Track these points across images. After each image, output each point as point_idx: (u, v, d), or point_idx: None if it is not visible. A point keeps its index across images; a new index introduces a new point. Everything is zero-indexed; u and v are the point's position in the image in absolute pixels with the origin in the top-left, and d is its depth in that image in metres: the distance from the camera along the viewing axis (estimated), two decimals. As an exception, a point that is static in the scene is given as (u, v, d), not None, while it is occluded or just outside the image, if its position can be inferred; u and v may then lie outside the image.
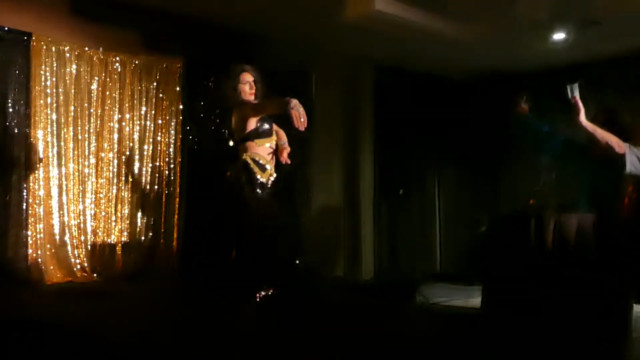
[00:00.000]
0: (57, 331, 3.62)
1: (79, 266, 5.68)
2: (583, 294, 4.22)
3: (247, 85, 4.20)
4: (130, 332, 3.68)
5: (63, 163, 5.71)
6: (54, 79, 5.67)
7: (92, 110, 5.93)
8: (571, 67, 7.52)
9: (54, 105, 5.68)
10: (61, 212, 5.67)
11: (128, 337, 3.56)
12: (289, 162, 4.37)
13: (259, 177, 4.16)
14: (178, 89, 6.37)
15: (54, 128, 5.67)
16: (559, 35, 6.18)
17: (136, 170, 6.18)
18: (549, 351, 3.66)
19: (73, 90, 5.80)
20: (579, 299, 4.22)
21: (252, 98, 4.21)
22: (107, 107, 6.01)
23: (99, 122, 5.97)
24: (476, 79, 8.14)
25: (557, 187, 5.50)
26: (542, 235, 4.52)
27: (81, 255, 5.73)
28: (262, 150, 4.25)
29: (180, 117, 6.38)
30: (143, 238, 6.13)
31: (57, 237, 5.62)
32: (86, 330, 3.65)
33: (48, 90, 5.63)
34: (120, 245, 6.02)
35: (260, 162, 4.21)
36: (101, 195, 5.97)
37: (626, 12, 5.85)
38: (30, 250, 5.43)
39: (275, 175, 4.32)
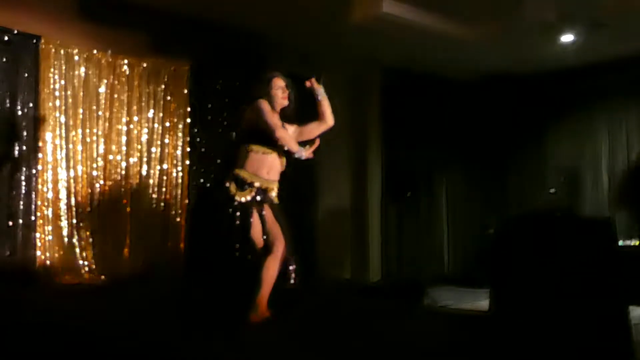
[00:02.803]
0: (64, 331, 3.63)
1: (87, 268, 5.70)
2: (593, 297, 4.20)
3: (280, 90, 4.02)
4: (137, 334, 3.69)
5: (71, 165, 5.73)
6: (62, 82, 5.70)
7: (100, 113, 5.95)
8: (579, 68, 7.51)
9: (63, 107, 5.70)
10: (69, 214, 5.69)
11: (134, 338, 3.57)
12: (311, 156, 4.06)
13: (237, 198, 3.90)
14: (186, 91, 6.39)
15: (63, 130, 5.70)
16: (567, 37, 6.16)
17: (144, 173, 6.19)
18: (558, 355, 3.64)
19: (81, 93, 5.83)
20: (589, 302, 4.20)
21: (285, 102, 4.04)
22: (115, 110, 6.04)
23: (107, 124, 6.00)
24: (484, 80, 8.13)
25: (565, 190, 5.50)
26: (550, 237, 4.50)
27: (89, 257, 5.74)
28: (257, 163, 3.95)
29: (188, 120, 6.40)
30: (150, 240, 6.15)
31: (65, 239, 5.65)
32: (93, 331, 3.66)
33: (57, 93, 5.66)
34: (127, 247, 6.04)
35: (246, 180, 3.92)
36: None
37: (635, 14, 5.83)
38: (38, 252, 5.45)
39: (268, 186, 4.00)
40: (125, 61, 6.08)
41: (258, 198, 3.97)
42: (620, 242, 5.11)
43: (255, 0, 5.85)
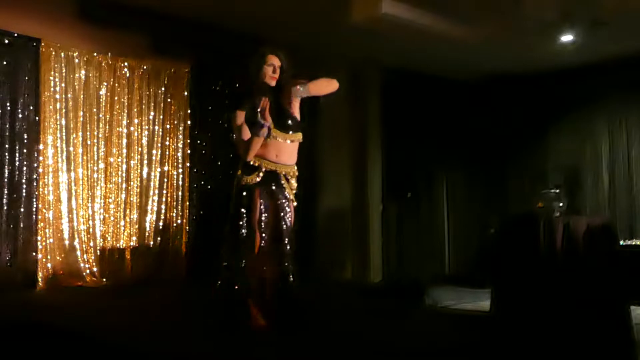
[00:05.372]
0: (65, 334, 3.64)
1: (88, 271, 5.70)
2: (594, 297, 4.20)
3: (271, 68, 3.84)
4: (139, 337, 3.69)
5: (72, 168, 5.74)
6: (63, 85, 5.70)
7: (101, 116, 5.96)
8: (579, 68, 7.51)
9: (63, 110, 5.71)
10: (70, 217, 5.69)
11: (136, 341, 3.57)
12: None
13: (243, 182, 3.81)
14: (186, 93, 6.40)
15: (63, 133, 5.70)
16: (567, 37, 6.16)
17: (145, 175, 6.20)
18: (559, 355, 3.64)
19: (82, 96, 5.84)
20: (590, 302, 4.20)
21: (273, 83, 3.86)
22: (115, 112, 6.04)
23: (107, 127, 6.00)
24: (484, 80, 8.13)
25: (566, 190, 5.49)
26: (552, 237, 4.50)
27: (90, 260, 5.75)
28: (262, 147, 3.80)
29: (189, 122, 6.40)
30: (152, 243, 6.15)
31: (67, 242, 5.65)
32: (95, 333, 3.66)
33: (57, 96, 5.67)
34: (129, 249, 6.04)
35: (254, 163, 3.81)
36: (110, 200, 5.99)
37: (635, 13, 5.82)
38: (40, 255, 5.45)
39: (277, 169, 3.84)
40: (126, 63, 6.09)
41: (269, 182, 3.82)
42: (621, 242, 5.11)
43: (254, 1, 5.86)
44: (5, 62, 5.42)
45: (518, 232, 4.81)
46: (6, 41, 5.41)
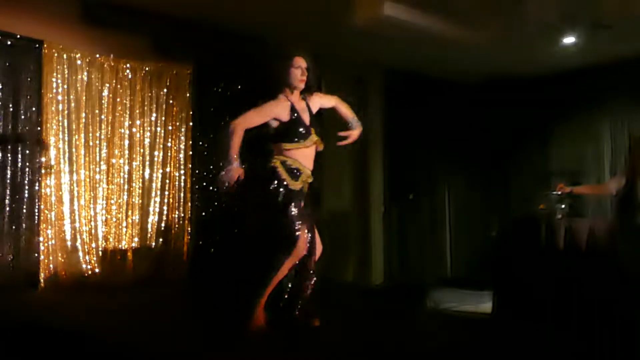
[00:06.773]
0: (66, 336, 3.64)
1: (90, 272, 5.70)
2: (596, 299, 4.20)
3: (299, 71, 3.84)
4: (140, 337, 3.69)
5: (74, 169, 5.74)
6: (65, 86, 5.71)
7: (103, 117, 5.96)
8: (581, 70, 7.51)
9: (66, 112, 5.72)
10: (72, 218, 5.70)
11: (137, 341, 3.57)
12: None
13: (289, 185, 3.78)
14: (188, 95, 6.41)
15: (66, 134, 5.71)
16: (569, 39, 6.16)
17: (147, 176, 6.20)
18: (561, 357, 3.64)
19: (84, 97, 5.84)
20: (592, 303, 4.20)
21: (302, 85, 3.88)
22: (117, 114, 6.05)
23: (109, 128, 6.00)
24: (486, 82, 8.13)
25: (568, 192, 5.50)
26: (554, 240, 4.50)
27: (92, 261, 5.75)
28: (298, 154, 3.86)
29: (191, 123, 6.41)
30: (154, 244, 6.16)
31: (69, 243, 5.66)
32: (96, 334, 3.66)
33: (59, 97, 5.67)
34: (131, 250, 6.04)
35: (293, 167, 3.83)
36: (112, 202, 5.99)
37: (637, 15, 5.82)
38: (41, 256, 5.46)
39: (309, 179, 3.95)
40: (128, 65, 6.09)
41: (305, 190, 3.87)
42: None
43: (257, 3, 5.87)
44: (7, 64, 5.42)
45: (520, 234, 4.81)
46: (8, 42, 5.42)
